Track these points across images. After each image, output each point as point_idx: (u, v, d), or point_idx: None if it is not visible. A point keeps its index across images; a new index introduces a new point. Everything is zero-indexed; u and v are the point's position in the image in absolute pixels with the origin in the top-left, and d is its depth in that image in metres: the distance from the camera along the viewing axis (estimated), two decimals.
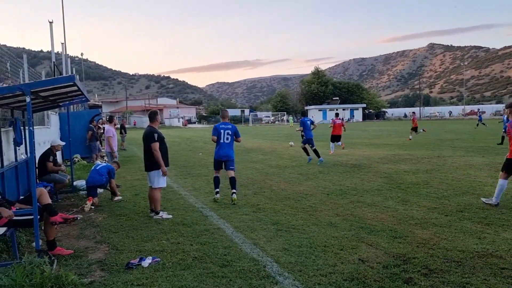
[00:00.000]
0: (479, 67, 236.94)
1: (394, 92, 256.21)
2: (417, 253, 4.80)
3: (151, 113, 7.33)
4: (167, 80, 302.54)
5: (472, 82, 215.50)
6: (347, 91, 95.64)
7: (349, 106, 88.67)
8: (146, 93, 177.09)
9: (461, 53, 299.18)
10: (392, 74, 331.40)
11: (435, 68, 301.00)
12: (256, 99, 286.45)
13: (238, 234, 5.81)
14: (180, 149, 21.84)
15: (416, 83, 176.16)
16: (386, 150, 18.05)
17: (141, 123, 70.17)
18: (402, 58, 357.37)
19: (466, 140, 22.38)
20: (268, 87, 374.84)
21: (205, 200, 8.33)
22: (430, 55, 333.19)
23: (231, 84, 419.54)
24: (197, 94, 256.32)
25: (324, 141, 24.74)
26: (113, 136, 11.21)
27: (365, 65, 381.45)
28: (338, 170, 12.15)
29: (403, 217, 6.49)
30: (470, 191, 8.42)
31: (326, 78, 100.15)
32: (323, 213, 6.88)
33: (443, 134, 29.15)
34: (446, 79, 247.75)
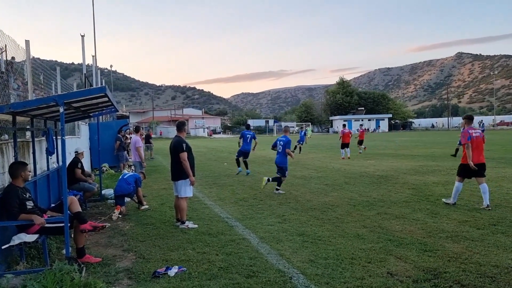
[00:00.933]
0: (509, 76, 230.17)
1: (421, 102, 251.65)
2: (448, 267, 4.66)
3: (179, 123, 7.43)
4: (192, 90, 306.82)
5: (503, 92, 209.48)
6: (372, 101, 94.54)
7: (375, 116, 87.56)
8: (172, 103, 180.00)
9: (490, 62, 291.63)
10: (419, 84, 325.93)
11: (463, 77, 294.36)
12: (280, 109, 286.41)
13: (264, 244, 5.78)
14: (205, 159, 22.00)
15: (444, 93, 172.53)
16: (414, 161, 17.68)
17: (167, 133, 71.25)
18: (429, 68, 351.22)
19: (498, 151, 21.67)
20: (293, 97, 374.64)
21: (230, 210, 8.34)
22: (458, 64, 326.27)
23: (256, 95, 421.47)
24: (222, 105, 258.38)
25: (331, 150, 24.48)
26: (141, 146, 11.43)
27: (391, 75, 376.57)
28: (365, 181, 11.97)
29: (433, 229, 6.31)
30: (503, 203, 8.13)
31: (351, 88, 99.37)
32: (349, 225, 6.77)
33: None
34: (475, 89, 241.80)
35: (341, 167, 15.91)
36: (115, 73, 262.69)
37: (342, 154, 20.04)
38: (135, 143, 11.05)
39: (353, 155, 21.13)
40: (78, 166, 8.77)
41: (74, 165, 8.73)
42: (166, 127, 77.08)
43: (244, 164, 14.49)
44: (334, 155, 22.67)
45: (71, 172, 8.59)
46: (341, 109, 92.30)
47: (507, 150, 22.03)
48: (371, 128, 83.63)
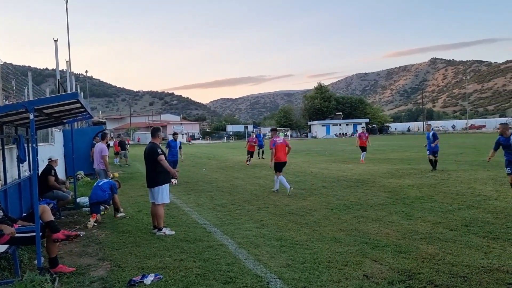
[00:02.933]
0: (481, 81, 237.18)
1: (397, 107, 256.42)
2: (422, 268, 4.74)
3: (153, 129, 7.40)
4: (171, 96, 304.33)
5: (475, 96, 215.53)
6: (350, 106, 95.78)
7: (352, 121, 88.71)
8: (150, 109, 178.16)
9: (463, 68, 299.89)
10: (395, 88, 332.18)
11: (437, 82, 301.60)
12: (259, 114, 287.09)
13: (242, 250, 5.77)
14: (183, 165, 21.81)
15: (419, 98, 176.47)
16: (390, 164, 17.98)
17: (145, 139, 70.39)
18: (404, 73, 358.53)
19: (470, 154, 22.27)
20: (272, 103, 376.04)
21: (208, 216, 8.29)
22: (433, 69, 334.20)
23: (235, 100, 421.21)
24: (200, 110, 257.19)
25: (309, 155, 24.73)
26: (107, 154, 11.18)
27: (368, 80, 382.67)
28: (342, 185, 12.09)
29: (408, 232, 6.42)
30: (475, 205, 8.34)
31: (329, 94, 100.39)
32: (327, 229, 6.82)
33: (446, 148, 29.02)
34: (449, 93, 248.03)
35: (319, 172, 16.04)
36: (90, 79, 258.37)
37: (362, 157, 19.61)
38: (101, 150, 10.77)
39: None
40: (51, 173, 8.57)
41: (47, 173, 8.53)
42: (144, 133, 76.16)
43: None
44: (313, 159, 22.85)
45: (44, 180, 8.39)
46: (320, 114, 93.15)
47: (479, 153, 22.64)
48: (348, 133, 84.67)
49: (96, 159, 10.79)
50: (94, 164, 10.90)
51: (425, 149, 15.78)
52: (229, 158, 26.97)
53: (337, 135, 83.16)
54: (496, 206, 8.14)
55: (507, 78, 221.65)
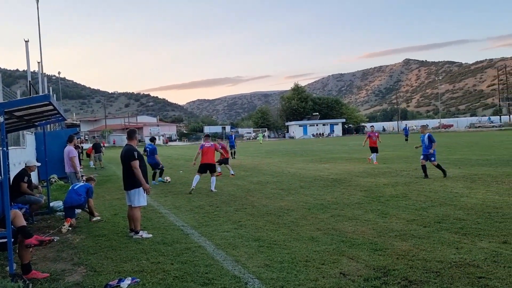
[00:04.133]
0: (453, 82, 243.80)
1: (372, 107, 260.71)
2: (397, 265, 4.85)
3: (130, 131, 7.31)
4: (147, 98, 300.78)
5: (447, 96, 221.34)
6: (326, 107, 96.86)
7: (329, 121, 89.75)
8: (125, 111, 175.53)
9: (435, 68, 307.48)
10: (370, 89, 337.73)
11: (411, 83, 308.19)
12: (237, 115, 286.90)
13: (220, 251, 5.76)
14: None
15: (394, 98, 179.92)
16: (366, 163, 18.27)
17: (120, 141, 69.35)
18: (379, 74, 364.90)
19: (442, 152, 22.82)
20: (249, 103, 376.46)
21: (185, 218, 8.24)
22: (406, 70, 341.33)
23: (212, 101, 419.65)
24: (177, 112, 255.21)
25: (287, 155, 24.95)
26: (76, 156, 10.97)
27: (344, 81, 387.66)
28: (319, 184, 12.22)
29: (383, 229, 6.55)
30: (447, 202, 8.57)
31: (305, 94, 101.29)
32: (304, 228, 6.89)
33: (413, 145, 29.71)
34: (422, 94, 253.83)
35: (297, 172, 16.17)
36: (64, 80, 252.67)
37: (374, 159, 18.28)
38: (69, 153, 10.54)
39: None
40: (24, 180, 8.29)
41: (19, 179, 8.27)
42: (120, 135, 75.02)
43: (153, 176, 14.40)
44: (290, 160, 23.00)
45: (16, 185, 8.16)
46: (297, 114, 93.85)
47: (451, 152, 23.27)
48: (325, 133, 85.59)
49: (66, 163, 10.58)
50: (66, 168, 10.68)
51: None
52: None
53: (314, 135, 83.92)
54: (467, 202, 8.39)
55: (477, 79, 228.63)
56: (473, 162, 16.41)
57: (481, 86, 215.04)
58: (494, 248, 5.32)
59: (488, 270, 4.54)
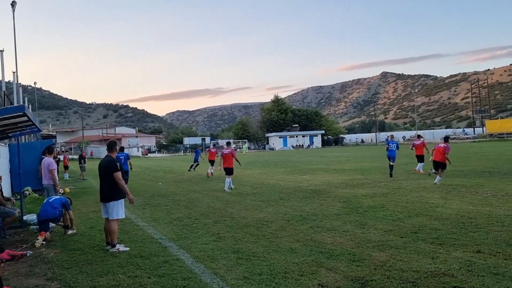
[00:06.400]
0: (428, 94, 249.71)
1: (351, 119, 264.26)
2: (374, 275, 4.90)
3: (110, 142, 7.21)
4: (126, 109, 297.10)
5: (423, 108, 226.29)
6: (306, 118, 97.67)
7: (309, 133, 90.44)
8: (104, 122, 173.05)
9: (411, 81, 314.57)
10: (349, 101, 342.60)
11: (388, 95, 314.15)
12: (217, 127, 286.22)
13: (198, 264, 5.71)
14: (139, 178, 21.34)
15: (372, 110, 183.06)
16: (344, 175, 18.47)
17: (98, 153, 68.21)
18: (357, 86, 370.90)
19: (416, 164, 23.24)
20: (229, 115, 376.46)
21: (164, 230, 8.13)
22: (384, 83, 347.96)
23: (192, 113, 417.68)
24: (157, 123, 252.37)
25: (267, 166, 25.03)
26: (56, 169, 10.72)
27: (323, 93, 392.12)
28: (299, 196, 12.27)
29: (361, 240, 6.61)
30: (424, 212, 8.73)
31: (285, 106, 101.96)
32: (283, 240, 6.89)
33: (398, 158, 30.21)
34: (399, 106, 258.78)
35: (277, 183, 16.20)
36: (40, 90, 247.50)
37: (420, 168, 18.05)
38: (48, 165, 10.31)
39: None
40: None
41: None
42: (98, 146, 73.82)
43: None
44: (270, 171, 23.04)
45: None
46: (277, 126, 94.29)
47: (427, 163, 23.71)
48: (305, 144, 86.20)
49: (44, 175, 10.31)
50: (43, 180, 10.41)
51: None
52: (186, 171, 26.65)
53: (294, 147, 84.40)
54: (442, 213, 8.56)
55: (452, 92, 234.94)
56: (448, 173, 16.77)
57: (455, 99, 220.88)
58: (468, 257, 5.44)
59: (463, 279, 4.64)
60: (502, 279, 4.59)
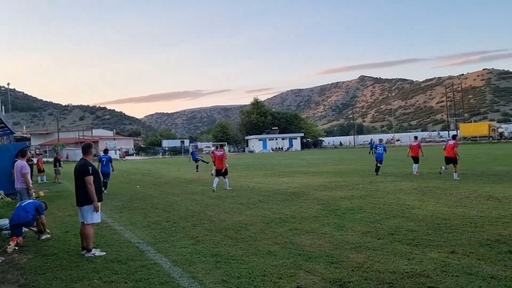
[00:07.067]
0: (405, 98, 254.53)
1: (330, 122, 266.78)
2: (352, 277, 4.94)
3: (85, 145, 7.08)
4: (103, 111, 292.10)
5: (400, 112, 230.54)
6: (285, 121, 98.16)
7: (288, 136, 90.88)
8: (80, 124, 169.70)
9: (389, 85, 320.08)
10: (328, 104, 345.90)
11: (366, 98, 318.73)
12: (196, 129, 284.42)
13: (176, 268, 5.65)
14: (116, 182, 20.99)
15: (350, 113, 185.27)
16: (323, 177, 18.62)
17: (74, 156, 66.84)
18: (336, 90, 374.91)
19: (396, 166, 23.69)
20: (209, 117, 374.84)
21: (141, 234, 8.02)
22: (362, 86, 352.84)
23: (171, 115, 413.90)
24: (135, 125, 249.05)
25: (247, 169, 25.08)
26: (29, 172, 10.44)
27: (302, 96, 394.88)
28: (278, 198, 12.30)
29: (339, 242, 6.67)
30: (400, 214, 8.87)
31: (265, 109, 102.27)
32: (262, 242, 6.89)
33: (374, 160, 30.67)
34: (376, 109, 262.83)
35: (256, 186, 16.21)
36: (13, 91, 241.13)
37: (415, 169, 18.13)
38: (21, 168, 10.04)
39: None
40: None
41: None
42: (74, 149, 72.31)
43: (104, 185, 15.77)
44: (249, 174, 23.04)
45: None
46: (256, 128, 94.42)
47: (404, 165, 24.16)
48: (284, 147, 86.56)
49: (17, 178, 10.02)
50: (16, 183, 10.12)
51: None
52: (165, 174, 26.41)
53: (273, 150, 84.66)
54: (418, 214, 8.72)
55: (427, 95, 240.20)
56: (424, 176, 17.11)
57: (431, 102, 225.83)
58: (443, 258, 5.55)
59: (438, 279, 4.73)
60: (475, 279, 4.70)
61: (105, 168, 16.23)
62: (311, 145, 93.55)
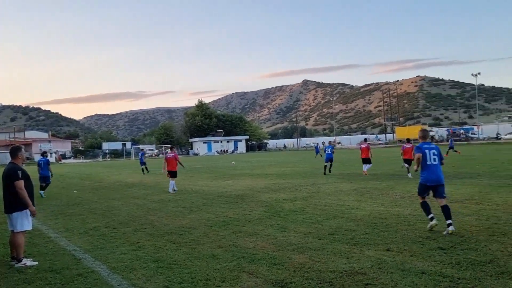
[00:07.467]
0: (345, 102, 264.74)
1: (274, 125, 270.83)
2: (294, 277, 5.03)
3: (13, 148, 6.64)
4: (37, 111, 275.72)
5: (341, 115, 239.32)
6: (230, 124, 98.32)
7: (233, 138, 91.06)
8: (11, 125, 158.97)
9: (330, 89, 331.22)
10: (272, 107, 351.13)
11: (309, 102, 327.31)
12: (139, 131, 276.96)
13: (115, 275, 5.44)
14: (52, 186, 19.82)
15: (293, 116, 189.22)
16: (267, 179, 18.84)
17: (5, 159, 62.44)
18: (280, 93, 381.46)
19: (338, 167, 24.50)
20: (152, 119, 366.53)
21: (78, 241, 7.65)
22: (305, 90, 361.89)
23: (112, 116, 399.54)
24: (73, 127, 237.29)
25: (190, 171, 24.91)
26: None
27: (247, 99, 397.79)
28: (222, 201, 12.26)
29: (282, 243, 6.77)
30: (340, 214, 9.18)
31: (210, 111, 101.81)
32: (205, 246, 6.83)
33: (317, 163, 31.55)
34: (319, 113, 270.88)
35: (200, 189, 16.06)
36: None
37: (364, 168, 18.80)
38: None
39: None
40: None
41: None
42: (4, 152, 67.56)
43: (44, 187, 16.06)
44: (194, 177, 22.79)
45: None
46: (201, 131, 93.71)
47: (344, 167, 25.08)
48: (229, 150, 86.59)
49: None
50: None
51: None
52: (105, 178, 25.43)
53: (218, 152, 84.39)
54: (357, 214, 9.07)
55: (366, 100, 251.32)
56: (362, 177, 17.84)
57: (369, 107, 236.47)
58: (379, 255, 5.80)
59: (374, 276, 4.93)
60: (408, 274, 4.96)
61: (44, 172, 16.00)
62: (256, 147, 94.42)
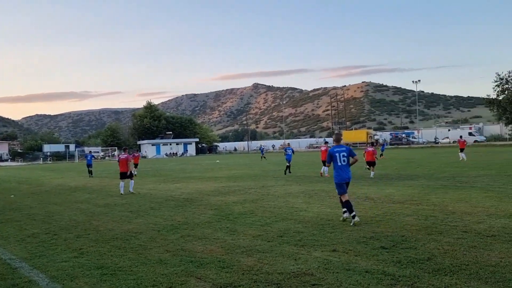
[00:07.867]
0: (295, 106, 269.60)
1: (225, 127, 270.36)
2: (242, 280, 5.02)
3: None
4: None
5: (291, 119, 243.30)
6: (180, 126, 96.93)
7: (183, 141, 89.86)
8: None
9: (280, 93, 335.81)
10: (223, 110, 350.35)
11: (259, 105, 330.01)
12: (83, 133, 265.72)
13: (55, 284, 5.17)
14: None
15: (244, 119, 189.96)
16: (217, 182, 18.75)
17: None
18: (231, 96, 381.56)
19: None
20: (97, 120, 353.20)
21: (15, 249, 7.20)
22: (255, 93, 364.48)
23: (54, 117, 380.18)
24: (10, 128, 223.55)
25: (139, 174, 24.38)
26: None
27: (197, 101, 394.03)
28: (170, 205, 12.04)
29: (231, 246, 6.75)
30: (289, 217, 9.31)
31: (159, 113, 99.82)
32: (153, 251, 6.66)
33: (266, 165, 31.87)
34: (269, 116, 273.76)
35: (148, 192, 15.68)
36: None
37: (325, 172, 19.49)
38: None
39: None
40: None
41: None
42: None
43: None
44: (141, 180, 22.21)
45: None
46: (149, 133, 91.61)
47: (294, 169, 25.47)
48: (179, 152, 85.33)
49: None
50: None
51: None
52: (46, 181, 24.17)
53: (167, 155, 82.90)
54: (305, 216, 9.24)
55: (315, 104, 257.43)
56: (311, 179, 18.24)
57: (318, 111, 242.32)
58: (326, 256, 5.94)
59: (321, 277, 5.04)
60: (353, 274, 5.11)
61: None
62: (206, 150, 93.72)
